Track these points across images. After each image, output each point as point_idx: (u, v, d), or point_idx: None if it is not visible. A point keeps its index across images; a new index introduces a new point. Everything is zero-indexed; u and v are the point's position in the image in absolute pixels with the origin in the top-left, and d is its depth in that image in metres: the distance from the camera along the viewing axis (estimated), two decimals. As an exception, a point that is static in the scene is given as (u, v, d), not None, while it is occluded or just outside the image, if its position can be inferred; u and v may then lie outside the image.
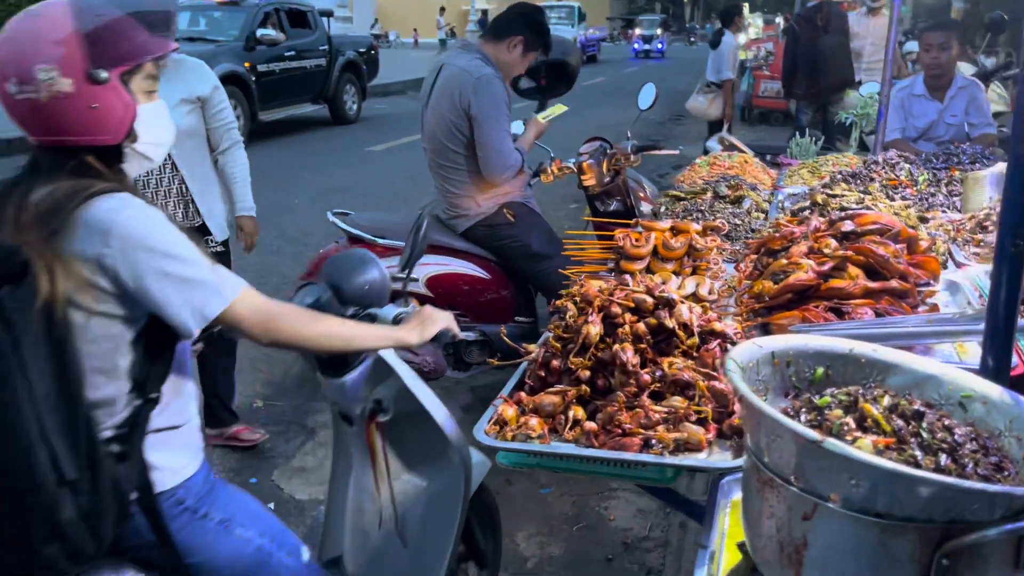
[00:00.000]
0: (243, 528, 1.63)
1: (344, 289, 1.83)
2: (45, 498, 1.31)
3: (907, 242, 1.80)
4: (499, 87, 3.43)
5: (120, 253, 1.37)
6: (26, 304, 1.29)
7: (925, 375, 1.26)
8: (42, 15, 1.41)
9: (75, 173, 1.41)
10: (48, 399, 1.31)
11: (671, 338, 1.56)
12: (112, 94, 1.41)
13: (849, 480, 0.97)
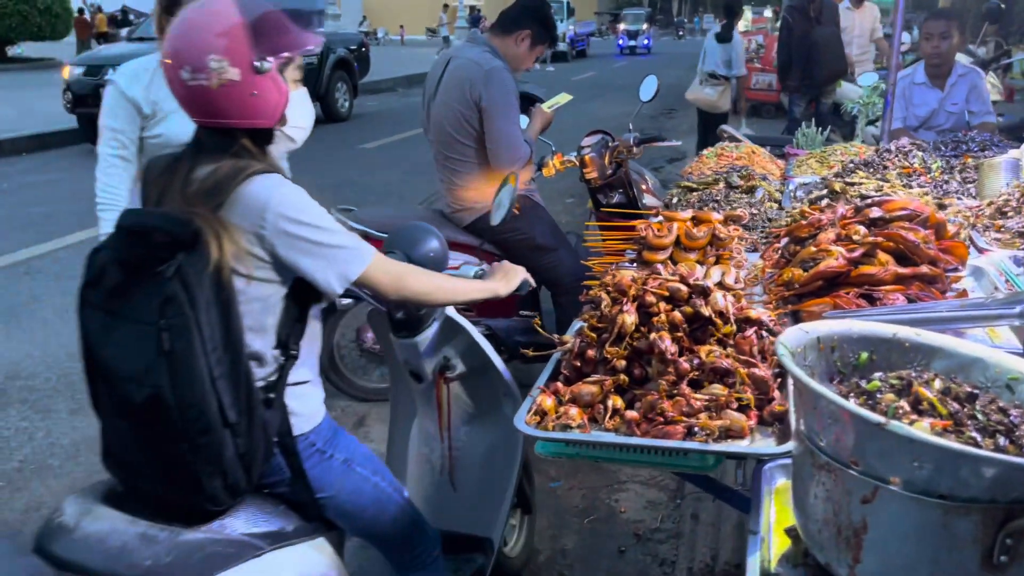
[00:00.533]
0: (361, 467, 1.82)
1: (413, 257, 2.00)
2: (213, 438, 1.48)
3: (935, 228, 1.81)
4: (509, 79, 3.44)
5: (274, 226, 1.54)
6: (199, 268, 1.45)
7: (971, 358, 1.26)
8: (213, 8, 1.56)
9: (235, 155, 1.58)
10: (217, 351, 1.47)
11: (706, 326, 1.56)
12: (270, 83, 1.57)
13: (912, 462, 0.98)
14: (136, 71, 2.75)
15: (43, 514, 3.12)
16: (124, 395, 1.49)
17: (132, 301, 1.48)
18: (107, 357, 1.51)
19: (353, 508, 1.82)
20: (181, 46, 1.55)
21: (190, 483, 1.51)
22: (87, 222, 7.10)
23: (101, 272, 1.52)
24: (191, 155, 1.62)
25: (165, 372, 1.43)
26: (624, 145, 4.43)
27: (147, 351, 1.45)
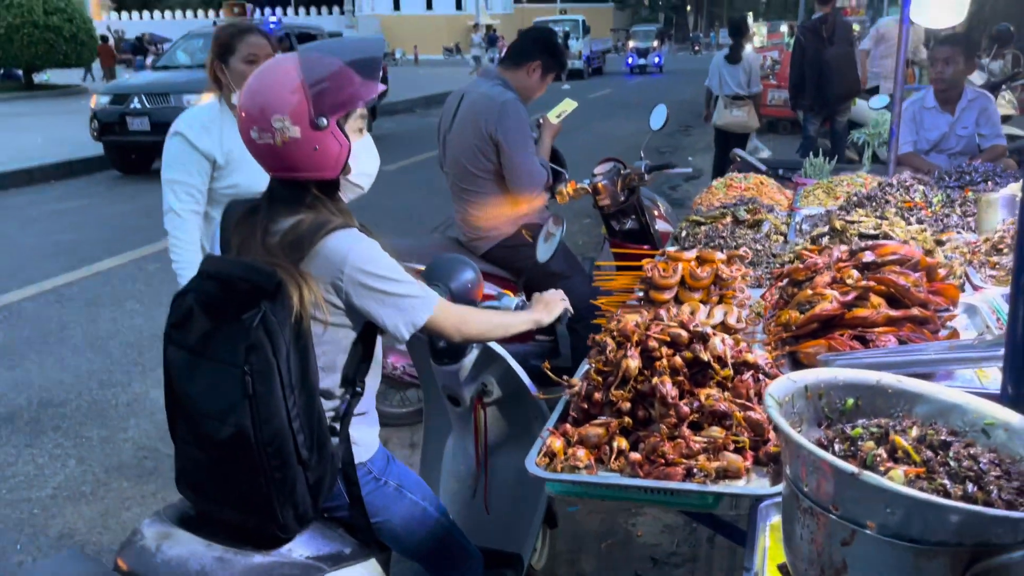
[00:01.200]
0: (411, 493, 1.95)
1: (452, 288, 2.16)
2: (288, 473, 1.61)
3: (926, 270, 1.89)
4: (522, 111, 3.58)
5: (350, 278, 1.68)
6: (282, 318, 1.58)
7: (950, 404, 1.34)
8: (277, 71, 1.70)
9: (310, 207, 1.73)
10: (294, 394, 1.60)
11: (706, 370, 1.65)
12: (330, 137, 1.69)
13: (885, 509, 1.06)
14: (204, 122, 2.89)
15: (77, 541, 3.25)
16: (207, 430, 1.63)
17: (217, 344, 1.61)
18: (192, 394, 1.65)
19: (404, 531, 1.95)
20: (250, 107, 1.69)
21: (265, 512, 1.64)
22: (114, 249, 7.31)
23: (188, 314, 1.65)
24: (267, 206, 1.76)
25: (248, 413, 1.57)
26: (635, 173, 4.55)
27: (231, 392, 1.57)
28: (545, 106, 4.12)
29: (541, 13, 42.14)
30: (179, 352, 1.66)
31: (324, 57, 1.72)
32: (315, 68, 1.69)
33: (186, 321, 1.65)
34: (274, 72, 1.70)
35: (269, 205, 1.76)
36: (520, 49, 3.79)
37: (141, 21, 46.45)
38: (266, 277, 1.59)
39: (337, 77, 1.70)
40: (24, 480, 3.66)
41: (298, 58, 1.70)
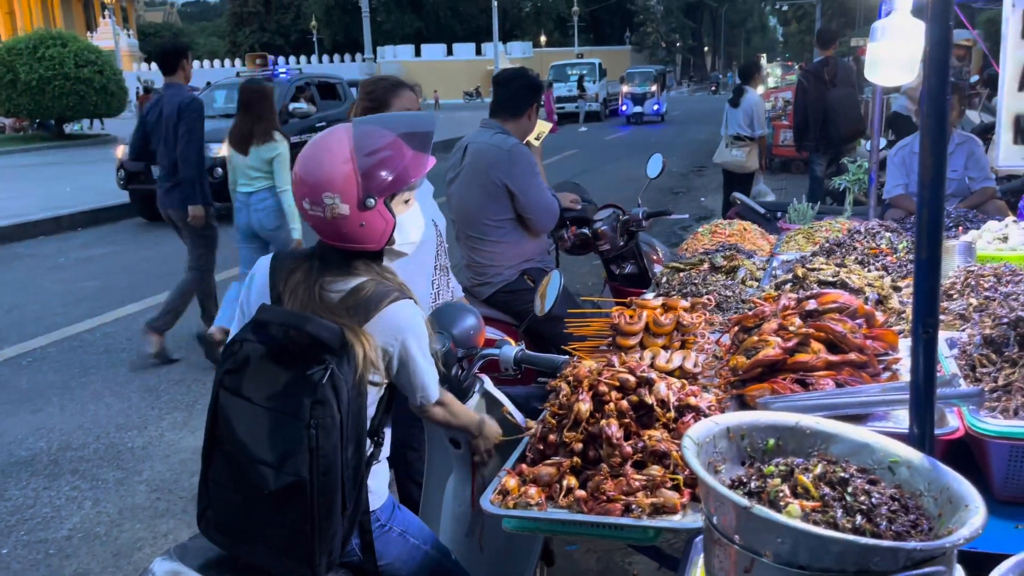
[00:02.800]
0: (415, 538, 2.04)
1: (455, 334, 2.29)
2: (333, 522, 1.70)
3: (866, 317, 2.02)
4: (527, 152, 3.78)
5: (400, 345, 1.84)
6: (348, 375, 1.68)
7: (860, 443, 1.47)
8: (331, 146, 1.79)
9: (363, 271, 1.85)
10: (350, 448, 1.70)
11: (652, 412, 1.79)
12: (377, 216, 1.80)
13: (777, 539, 1.19)
14: None
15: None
16: (257, 479, 1.67)
17: (278, 394, 1.67)
18: (243, 440, 1.70)
19: (408, 575, 2.02)
20: (304, 178, 1.80)
21: (304, 557, 1.69)
22: (137, 295, 7.57)
23: (244, 361, 1.71)
24: (319, 265, 1.85)
25: (307, 464, 1.63)
26: (633, 219, 4.72)
27: (292, 442, 1.64)
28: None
29: (559, 57, 42.79)
30: (233, 399, 1.72)
31: (378, 132, 1.80)
32: (368, 146, 1.77)
33: (243, 368, 1.71)
34: (328, 147, 1.79)
35: (321, 264, 1.85)
36: (516, 100, 3.99)
37: (170, 71, 47.71)
38: (334, 334, 1.67)
39: (389, 158, 1.78)
40: (41, 522, 3.83)
41: (352, 133, 1.79)
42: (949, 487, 1.32)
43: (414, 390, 1.93)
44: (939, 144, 1.37)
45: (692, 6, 68.33)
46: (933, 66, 1.35)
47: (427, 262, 3.00)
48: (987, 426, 1.68)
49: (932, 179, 1.37)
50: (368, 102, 3.02)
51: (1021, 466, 1.67)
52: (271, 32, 58.36)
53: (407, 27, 55.95)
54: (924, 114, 1.36)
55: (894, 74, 2.72)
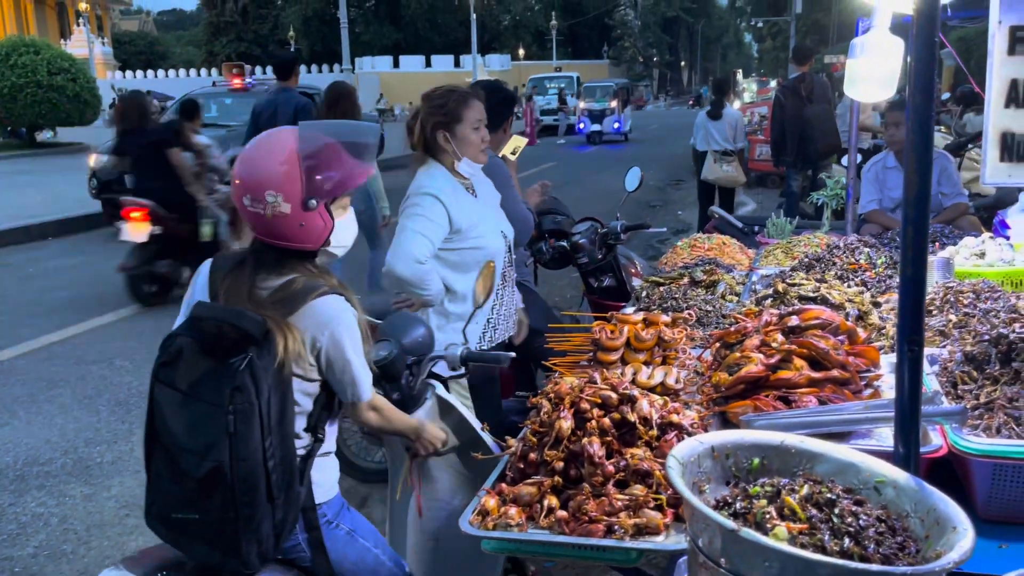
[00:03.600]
0: (364, 539, 2.05)
1: (404, 343, 2.31)
2: (257, 511, 1.73)
3: (848, 334, 2.01)
4: (502, 165, 3.75)
5: (329, 340, 1.86)
6: (267, 363, 1.73)
7: (846, 463, 1.45)
8: (276, 146, 1.85)
9: (296, 269, 1.89)
10: (272, 435, 1.74)
11: (634, 430, 1.76)
12: (317, 217, 1.86)
13: (764, 562, 1.16)
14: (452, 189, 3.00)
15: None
16: (185, 466, 1.73)
17: (205, 384, 1.73)
18: (175, 430, 1.75)
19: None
20: (247, 176, 1.85)
21: (232, 547, 1.74)
22: (108, 306, 7.43)
23: (177, 354, 1.78)
24: (253, 263, 1.91)
25: (227, 449, 1.68)
26: (612, 232, 4.72)
27: (214, 430, 1.69)
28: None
29: (538, 70, 42.95)
30: (166, 390, 1.77)
31: (322, 139, 1.87)
32: (313, 150, 1.83)
33: (175, 361, 1.77)
34: (274, 147, 1.85)
35: (255, 263, 1.90)
36: (492, 113, 3.97)
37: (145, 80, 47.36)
38: (256, 325, 1.74)
39: (332, 162, 1.85)
40: (7, 539, 3.72)
41: (297, 136, 1.85)
42: (936, 508, 1.30)
43: (344, 387, 1.93)
44: (924, 161, 1.36)
45: (669, 21, 68.97)
46: (918, 83, 1.34)
47: (494, 275, 3.03)
48: (971, 444, 1.67)
49: (917, 196, 1.36)
50: (441, 116, 2.99)
51: (1004, 485, 1.66)
52: (248, 42, 58.06)
53: (386, 38, 55.93)
54: (909, 130, 1.35)
55: (873, 90, 2.73)
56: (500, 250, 3.03)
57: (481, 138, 3.00)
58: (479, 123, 2.98)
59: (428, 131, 2.99)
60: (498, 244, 3.02)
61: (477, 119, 2.98)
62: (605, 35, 65.90)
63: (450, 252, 3.01)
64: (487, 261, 3.00)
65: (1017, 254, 2.70)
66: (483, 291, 2.99)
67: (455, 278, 3.02)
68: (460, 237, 2.98)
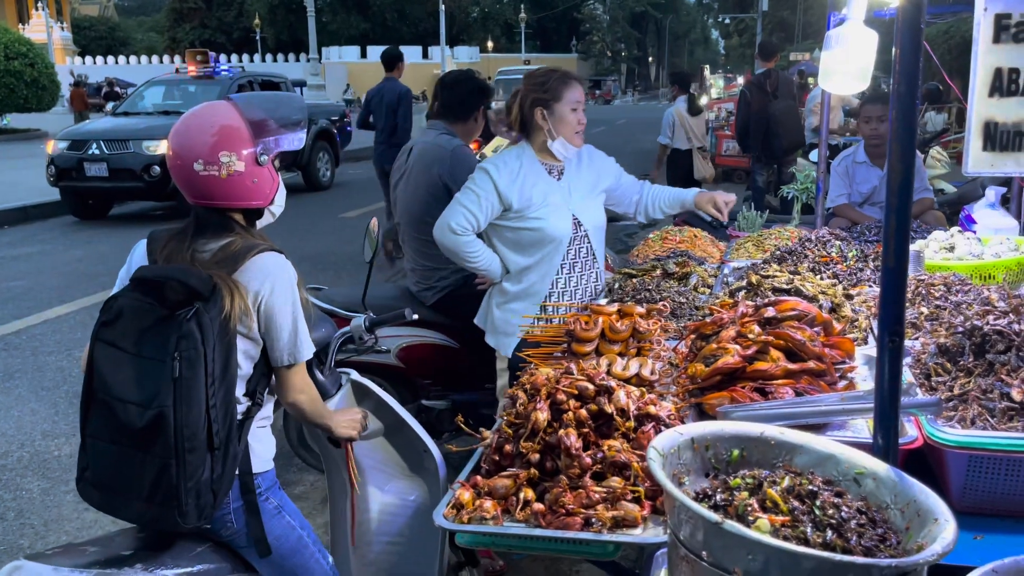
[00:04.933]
0: (291, 517, 2.07)
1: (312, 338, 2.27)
2: (197, 457, 1.75)
3: (823, 325, 2.00)
4: (470, 155, 3.73)
5: (270, 294, 1.90)
6: (214, 315, 1.77)
7: (826, 454, 1.43)
8: (217, 112, 1.93)
9: (237, 233, 1.94)
10: (215, 385, 1.77)
11: (611, 421, 1.73)
12: (267, 173, 1.96)
13: (747, 555, 1.14)
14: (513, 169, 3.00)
15: (11, 595, 3.21)
16: (126, 419, 1.75)
17: (149, 341, 1.76)
18: (114, 385, 1.77)
19: (276, 555, 2.03)
20: (192, 141, 1.90)
21: (170, 499, 1.76)
22: (66, 296, 7.26)
23: (118, 314, 1.81)
24: (194, 231, 1.95)
25: (171, 394, 1.72)
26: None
27: (158, 379, 1.73)
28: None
29: (506, 63, 42.85)
30: (108, 349, 1.80)
31: (259, 104, 1.98)
32: (254, 114, 1.94)
33: (116, 320, 1.81)
34: (217, 113, 1.93)
35: (196, 230, 1.95)
36: (462, 102, 3.95)
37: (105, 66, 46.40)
38: (203, 281, 1.79)
39: (271, 123, 1.96)
40: (-40, 534, 3.61)
41: (235, 104, 1.96)
42: (916, 500, 1.30)
43: (282, 346, 1.94)
44: (908, 150, 1.34)
45: (637, 16, 69.21)
46: (903, 73, 1.33)
47: (553, 259, 3.03)
48: (946, 436, 1.67)
49: (900, 185, 1.35)
50: (541, 93, 3.00)
51: (979, 476, 1.67)
52: (212, 29, 57.13)
53: (353, 28, 55.40)
54: (893, 119, 1.34)
55: (847, 83, 2.73)
56: (564, 234, 3.01)
57: (578, 120, 3.00)
58: (578, 104, 2.99)
59: (526, 108, 3.01)
60: (563, 228, 3.00)
61: (576, 100, 2.99)
62: (574, 29, 65.94)
63: (506, 230, 3.03)
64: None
65: (985, 248, 2.72)
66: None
67: (512, 258, 3.05)
68: (517, 216, 2.99)
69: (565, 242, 3.03)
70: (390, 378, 3.89)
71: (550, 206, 2.98)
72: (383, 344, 3.81)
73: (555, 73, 3.05)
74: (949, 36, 15.75)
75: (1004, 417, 1.70)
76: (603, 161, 3.28)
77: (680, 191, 3.32)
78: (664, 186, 3.38)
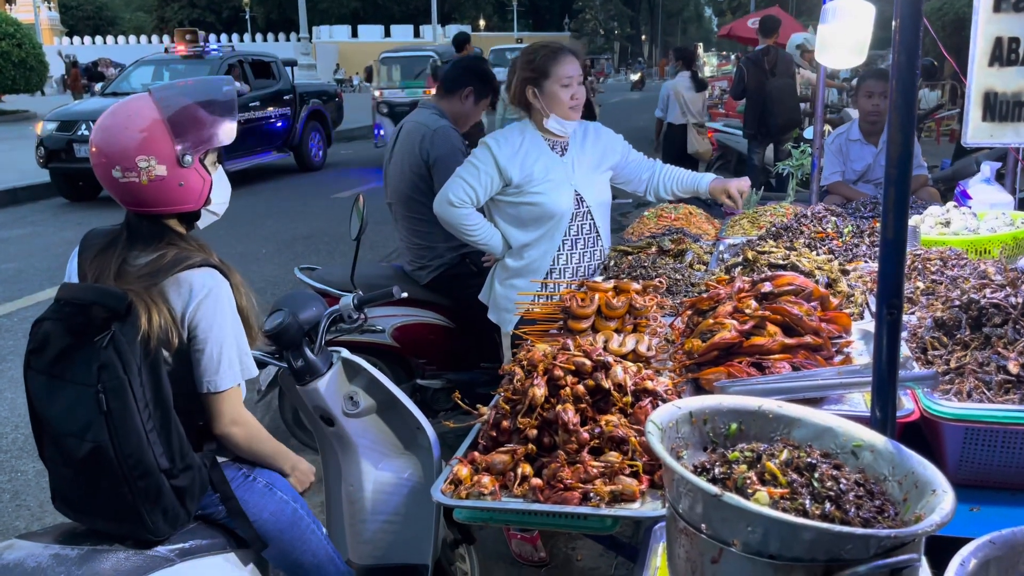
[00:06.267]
0: (283, 492, 2.02)
1: (302, 317, 2.31)
2: (151, 481, 1.69)
3: (820, 300, 2.00)
4: (453, 136, 3.68)
5: (199, 313, 1.79)
6: (131, 337, 1.67)
7: (823, 427, 1.43)
8: (136, 111, 1.78)
9: (171, 242, 1.83)
10: (148, 408, 1.69)
11: (608, 397, 1.73)
12: (194, 173, 1.83)
13: (747, 528, 1.14)
14: (514, 144, 2.98)
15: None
16: (67, 448, 1.70)
17: (73, 366, 1.68)
18: (51, 416, 1.71)
19: (273, 529, 2.00)
20: (110, 147, 1.77)
21: (134, 519, 1.72)
22: (57, 278, 7.19)
23: (44, 340, 1.72)
24: (126, 239, 1.85)
25: (104, 428, 1.65)
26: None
27: (88, 410, 1.65)
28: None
29: (498, 41, 42.49)
30: (39, 377, 1.73)
31: (180, 97, 1.83)
32: (174, 107, 1.80)
33: (43, 347, 1.72)
34: (132, 112, 1.79)
35: (128, 239, 1.85)
36: (452, 77, 3.92)
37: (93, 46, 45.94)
38: (117, 300, 1.68)
39: (197, 117, 1.82)
40: (-45, 516, 3.61)
41: (154, 98, 1.81)
42: (915, 471, 1.30)
43: (201, 371, 1.84)
44: (907, 121, 1.33)
45: (630, -6, 68.83)
46: (903, 44, 1.32)
47: (554, 235, 3.01)
48: (943, 408, 1.67)
49: (900, 157, 1.34)
50: (529, 71, 2.96)
51: (976, 448, 1.67)
52: (201, 8, 56.57)
53: (344, 7, 54.93)
54: (893, 89, 1.33)
55: (844, 56, 2.72)
56: (565, 210, 2.99)
57: (571, 95, 2.93)
58: (570, 80, 2.91)
59: (519, 87, 2.97)
60: (564, 204, 2.98)
61: (567, 76, 2.91)
62: (566, 7, 65.51)
63: (507, 205, 3.01)
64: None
65: (981, 223, 2.72)
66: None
67: (513, 233, 3.04)
68: (517, 191, 2.97)
69: (566, 218, 3.01)
70: (385, 358, 3.89)
71: (551, 181, 2.96)
72: (378, 324, 3.80)
73: (543, 49, 2.98)
74: (943, 13, 15.70)
75: (1000, 390, 1.70)
76: (610, 137, 3.23)
77: (695, 175, 3.26)
78: (678, 168, 3.31)
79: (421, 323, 3.95)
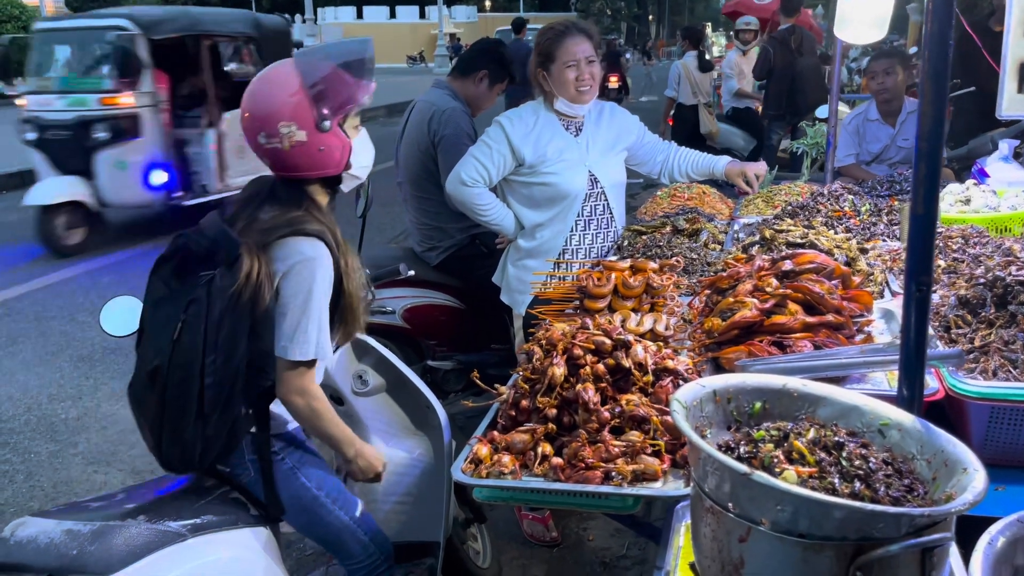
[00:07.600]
0: (306, 479, 2.03)
1: None
2: (184, 420, 1.76)
3: (841, 278, 1.97)
4: (462, 119, 3.65)
5: (290, 279, 1.84)
6: (228, 283, 1.74)
7: (849, 406, 1.41)
8: (278, 78, 1.86)
9: (305, 208, 1.89)
10: (213, 354, 1.74)
11: (628, 376, 1.71)
12: (334, 137, 1.88)
13: (776, 506, 1.13)
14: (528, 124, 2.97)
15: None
16: (144, 355, 1.83)
17: (180, 288, 1.80)
18: (147, 320, 1.86)
19: (291, 510, 2.03)
20: (256, 113, 1.86)
21: (158, 440, 1.81)
22: (67, 261, 7.21)
23: (173, 253, 1.85)
24: (267, 197, 1.92)
25: (168, 355, 1.74)
26: None
27: (168, 331, 1.76)
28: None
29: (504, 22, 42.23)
30: (157, 283, 1.86)
31: (320, 62, 1.89)
32: (313, 73, 1.85)
33: (170, 258, 1.85)
34: (276, 79, 1.86)
35: (268, 197, 1.92)
36: (468, 59, 3.89)
37: (99, 29, 45.76)
38: (231, 248, 1.77)
39: (334, 80, 1.86)
40: (-29, 497, 3.63)
41: (295, 64, 1.87)
42: (944, 450, 1.28)
43: (279, 334, 1.86)
44: (940, 93, 1.30)
45: (637, -27, 68.21)
46: (935, 11, 1.28)
47: (567, 216, 2.99)
48: (968, 387, 1.65)
49: (931, 130, 1.31)
50: (538, 54, 2.95)
51: (1001, 427, 1.65)
52: (207, -10, 56.24)
53: (348, -12, 54.57)
54: (925, 60, 1.30)
55: (863, 32, 2.67)
56: (578, 190, 2.96)
57: (576, 77, 2.88)
58: (575, 61, 2.87)
59: (533, 71, 2.97)
60: (578, 184, 2.95)
61: (573, 58, 2.87)
62: (573, -13, 64.92)
63: (520, 185, 2.99)
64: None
65: (1001, 200, 2.69)
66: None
67: (526, 214, 3.02)
68: (530, 171, 2.95)
69: (580, 199, 2.98)
70: (396, 339, 3.88)
71: (565, 162, 2.93)
72: (388, 305, 3.79)
73: (550, 31, 2.94)
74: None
75: (1027, 368, 1.68)
76: (625, 119, 3.20)
77: (710, 158, 3.22)
78: (693, 150, 3.27)
79: (431, 304, 3.94)
